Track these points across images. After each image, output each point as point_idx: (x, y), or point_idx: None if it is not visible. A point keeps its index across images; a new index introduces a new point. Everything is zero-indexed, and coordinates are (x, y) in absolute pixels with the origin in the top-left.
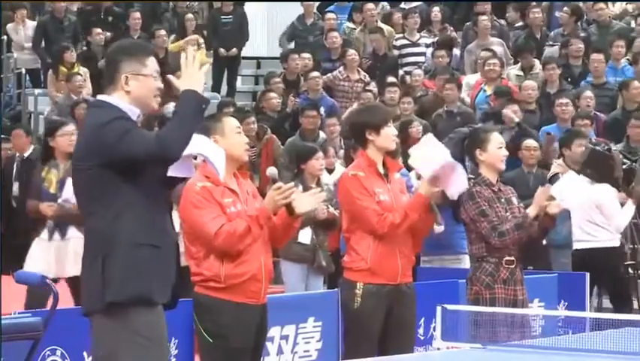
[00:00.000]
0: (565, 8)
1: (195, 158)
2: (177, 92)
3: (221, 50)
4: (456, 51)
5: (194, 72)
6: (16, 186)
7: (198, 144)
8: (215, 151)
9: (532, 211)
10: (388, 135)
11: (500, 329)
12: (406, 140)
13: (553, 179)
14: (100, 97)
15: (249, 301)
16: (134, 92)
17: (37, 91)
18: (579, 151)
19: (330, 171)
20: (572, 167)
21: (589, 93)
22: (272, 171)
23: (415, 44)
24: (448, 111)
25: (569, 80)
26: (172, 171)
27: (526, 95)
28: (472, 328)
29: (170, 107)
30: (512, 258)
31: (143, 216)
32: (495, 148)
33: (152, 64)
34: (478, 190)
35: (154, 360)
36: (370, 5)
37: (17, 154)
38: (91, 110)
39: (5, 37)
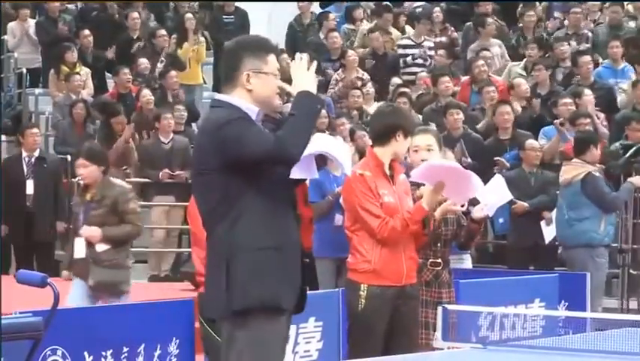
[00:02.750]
0: (576, 9)
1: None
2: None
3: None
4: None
5: (305, 74)
6: (30, 185)
7: (321, 142)
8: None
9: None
10: (408, 144)
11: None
12: None
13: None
14: (218, 96)
15: None
16: (256, 90)
17: (37, 91)
18: (598, 153)
19: None
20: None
21: (588, 91)
22: None
23: (418, 45)
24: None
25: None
26: (293, 173)
27: (521, 92)
28: (473, 328)
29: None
30: (439, 260)
31: (264, 219)
32: (411, 151)
33: (273, 61)
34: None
35: None
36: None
37: (25, 153)
38: (210, 110)
39: (6, 36)
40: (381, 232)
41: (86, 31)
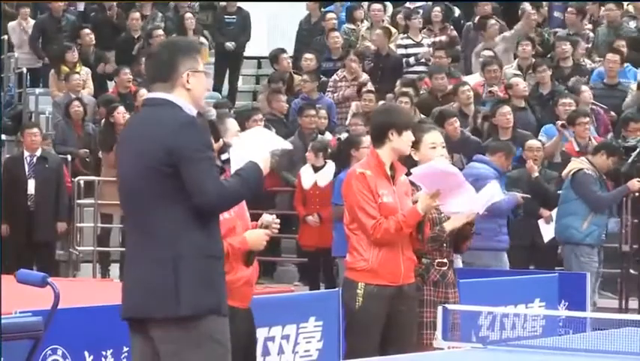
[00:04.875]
0: (570, 9)
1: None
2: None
3: (227, 44)
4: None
5: (262, 147)
6: (32, 185)
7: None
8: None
9: (448, 226)
10: (408, 139)
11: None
12: None
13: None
14: (161, 95)
15: (240, 305)
16: (194, 88)
17: (37, 90)
18: (611, 161)
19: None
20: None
21: (585, 87)
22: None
23: (419, 44)
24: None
25: (559, 80)
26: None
27: (519, 91)
28: (473, 328)
29: None
30: (445, 260)
31: (205, 224)
32: (427, 148)
33: (201, 60)
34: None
35: None
36: (377, 5)
37: (27, 153)
38: (156, 108)
39: (6, 36)
40: (374, 233)
41: (87, 30)
